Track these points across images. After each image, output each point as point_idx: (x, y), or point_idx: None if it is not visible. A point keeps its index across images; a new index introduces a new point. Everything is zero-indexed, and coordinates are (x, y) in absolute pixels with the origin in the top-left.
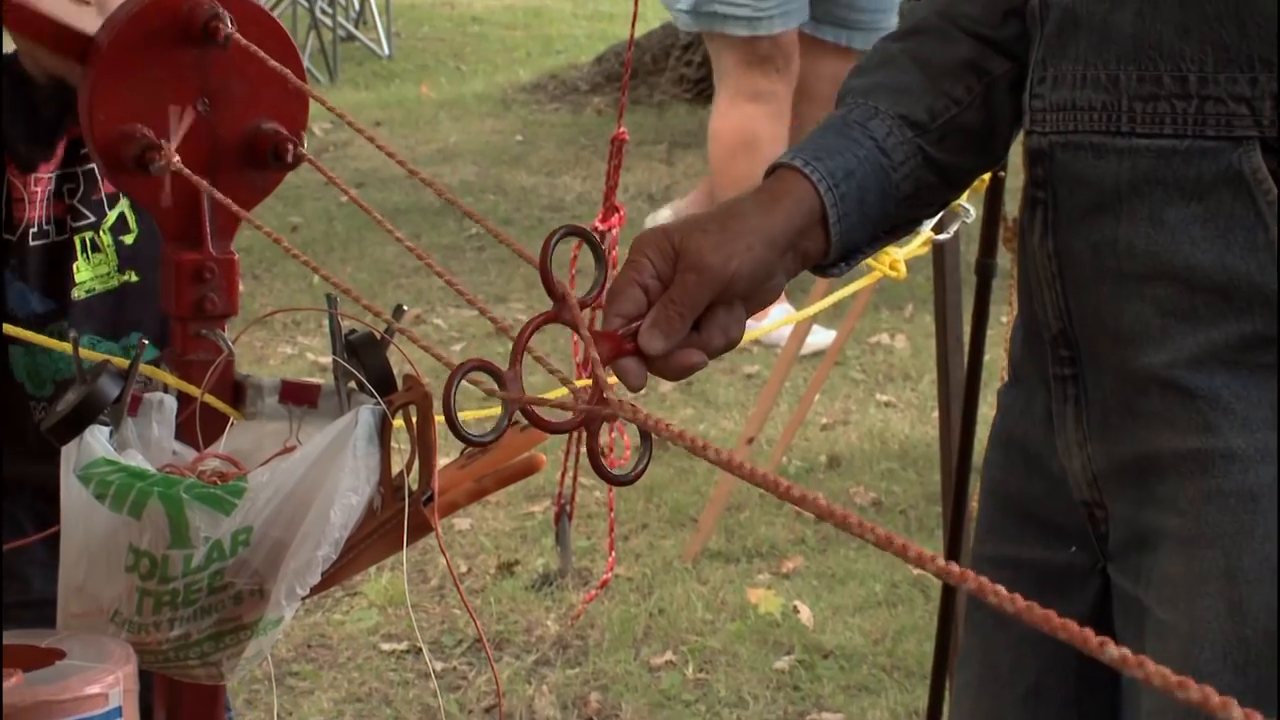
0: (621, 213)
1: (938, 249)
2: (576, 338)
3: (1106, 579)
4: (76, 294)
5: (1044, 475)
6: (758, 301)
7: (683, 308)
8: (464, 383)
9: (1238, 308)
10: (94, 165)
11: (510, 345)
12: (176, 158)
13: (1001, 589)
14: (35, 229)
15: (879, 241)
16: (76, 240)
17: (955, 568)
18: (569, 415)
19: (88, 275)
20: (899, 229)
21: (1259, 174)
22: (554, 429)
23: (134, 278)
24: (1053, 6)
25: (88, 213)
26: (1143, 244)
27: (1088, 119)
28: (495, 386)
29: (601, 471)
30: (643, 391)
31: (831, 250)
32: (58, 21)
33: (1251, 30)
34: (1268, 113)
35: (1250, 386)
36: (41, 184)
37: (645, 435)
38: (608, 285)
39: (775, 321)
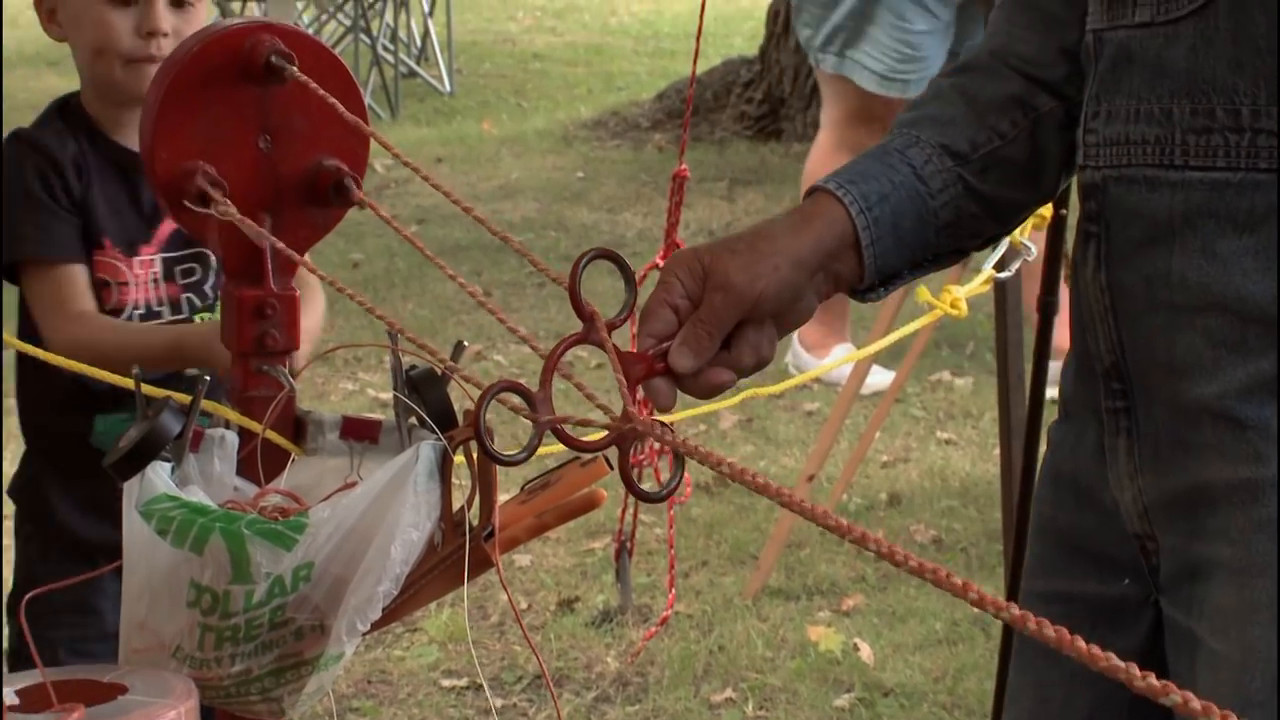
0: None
1: (999, 287)
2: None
3: (1159, 611)
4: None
5: (1096, 509)
6: (789, 321)
7: (711, 326)
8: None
9: None
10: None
11: (568, 387)
12: (232, 207)
13: (1063, 630)
14: (142, 311)
15: (921, 269)
16: (197, 319)
17: (1014, 608)
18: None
19: None
20: (942, 258)
21: None
22: (585, 448)
23: None
24: (1106, 43)
25: (210, 294)
26: (1195, 276)
27: (1141, 152)
28: (525, 406)
29: (634, 489)
30: (704, 428)
31: (866, 274)
32: None
33: None
34: None
35: None
36: (146, 266)
37: (678, 456)
38: (637, 307)
39: (836, 359)
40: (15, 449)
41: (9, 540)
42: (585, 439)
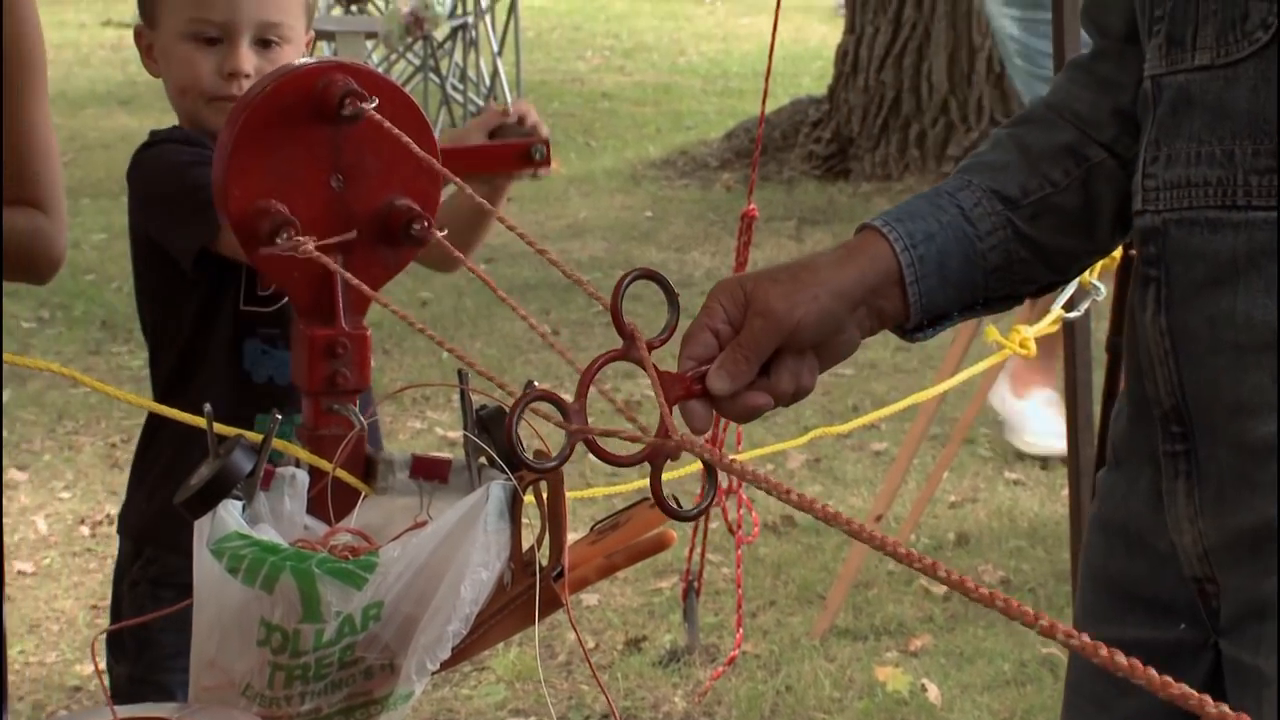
0: None
1: (1068, 327)
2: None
3: (1217, 655)
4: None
5: (1149, 555)
6: (831, 353)
7: (749, 351)
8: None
9: None
10: None
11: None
12: (310, 242)
13: (1135, 660)
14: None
15: (972, 311)
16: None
17: (1085, 636)
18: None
19: None
20: (994, 302)
21: None
22: (619, 462)
23: None
24: (1166, 88)
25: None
26: (1260, 314)
27: (1203, 194)
28: (560, 417)
29: (664, 505)
30: (771, 467)
31: (911, 312)
32: None
33: None
34: None
35: None
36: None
37: (710, 471)
38: (678, 328)
39: (1025, 405)
40: (114, 478)
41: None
42: (623, 454)
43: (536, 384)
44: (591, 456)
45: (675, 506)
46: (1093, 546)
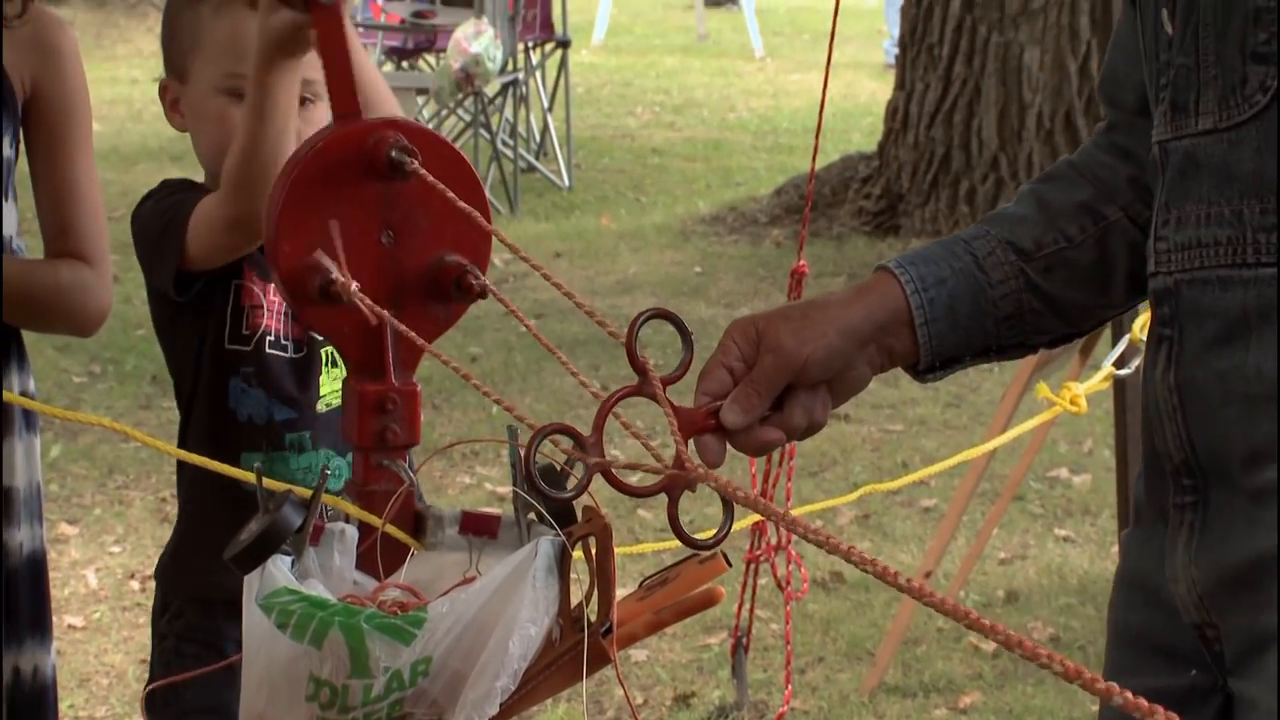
0: None
1: (1118, 384)
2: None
3: (1226, 699)
4: (319, 406)
5: (1161, 606)
6: (843, 389)
7: (761, 386)
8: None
9: None
10: None
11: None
12: (355, 284)
13: (1173, 714)
14: (272, 338)
15: (984, 357)
16: (322, 353)
17: (1129, 693)
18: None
19: (328, 389)
20: (1007, 349)
21: None
22: (635, 493)
23: None
24: (1172, 153)
25: None
26: (1270, 367)
27: (1213, 254)
28: (575, 449)
29: (681, 535)
30: (820, 523)
31: (922, 353)
32: None
33: None
34: None
35: None
36: (280, 294)
37: (727, 504)
38: (691, 365)
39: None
40: (152, 526)
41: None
42: (641, 486)
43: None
44: (664, 519)
45: (691, 536)
46: (1115, 602)
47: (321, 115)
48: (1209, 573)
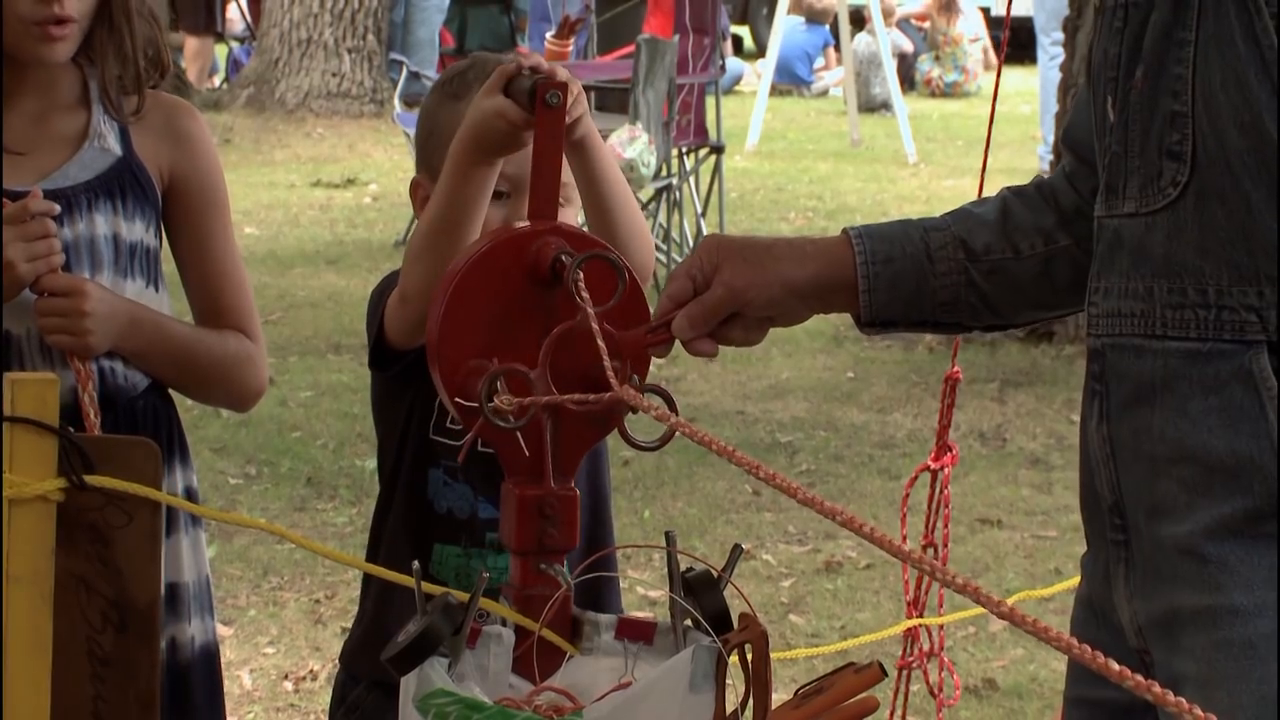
0: (954, 451)
1: None
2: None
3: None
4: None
5: (1109, 628)
6: (782, 322)
7: (709, 311)
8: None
9: (1244, 486)
10: None
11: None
12: (517, 401)
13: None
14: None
15: (921, 328)
16: None
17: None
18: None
19: None
20: (944, 326)
21: (1264, 373)
22: (590, 409)
23: None
24: (1104, 228)
25: None
26: (1171, 431)
27: (1130, 324)
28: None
29: (626, 437)
30: (973, 630)
31: (862, 315)
32: None
33: (1257, 252)
34: (1273, 320)
35: (1253, 552)
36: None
37: (670, 400)
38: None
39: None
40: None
41: None
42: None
43: (743, 546)
44: (816, 624)
45: (635, 438)
46: (1074, 619)
47: (568, 217)
48: (1143, 609)
